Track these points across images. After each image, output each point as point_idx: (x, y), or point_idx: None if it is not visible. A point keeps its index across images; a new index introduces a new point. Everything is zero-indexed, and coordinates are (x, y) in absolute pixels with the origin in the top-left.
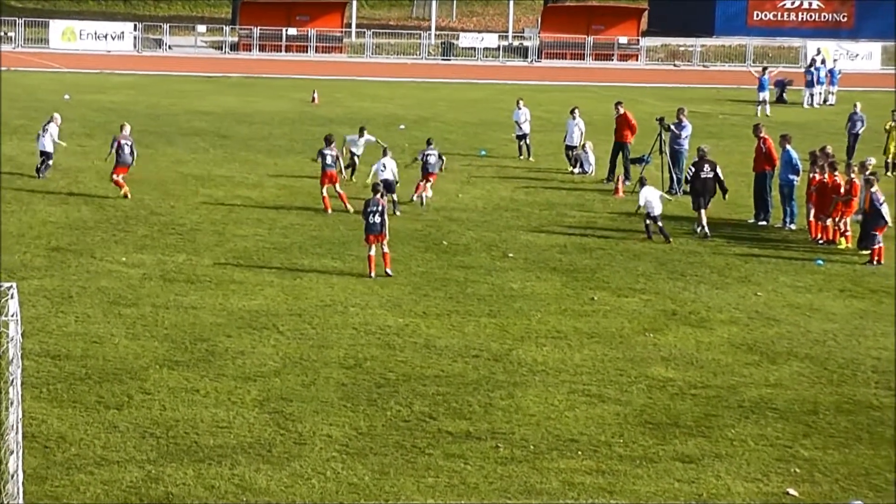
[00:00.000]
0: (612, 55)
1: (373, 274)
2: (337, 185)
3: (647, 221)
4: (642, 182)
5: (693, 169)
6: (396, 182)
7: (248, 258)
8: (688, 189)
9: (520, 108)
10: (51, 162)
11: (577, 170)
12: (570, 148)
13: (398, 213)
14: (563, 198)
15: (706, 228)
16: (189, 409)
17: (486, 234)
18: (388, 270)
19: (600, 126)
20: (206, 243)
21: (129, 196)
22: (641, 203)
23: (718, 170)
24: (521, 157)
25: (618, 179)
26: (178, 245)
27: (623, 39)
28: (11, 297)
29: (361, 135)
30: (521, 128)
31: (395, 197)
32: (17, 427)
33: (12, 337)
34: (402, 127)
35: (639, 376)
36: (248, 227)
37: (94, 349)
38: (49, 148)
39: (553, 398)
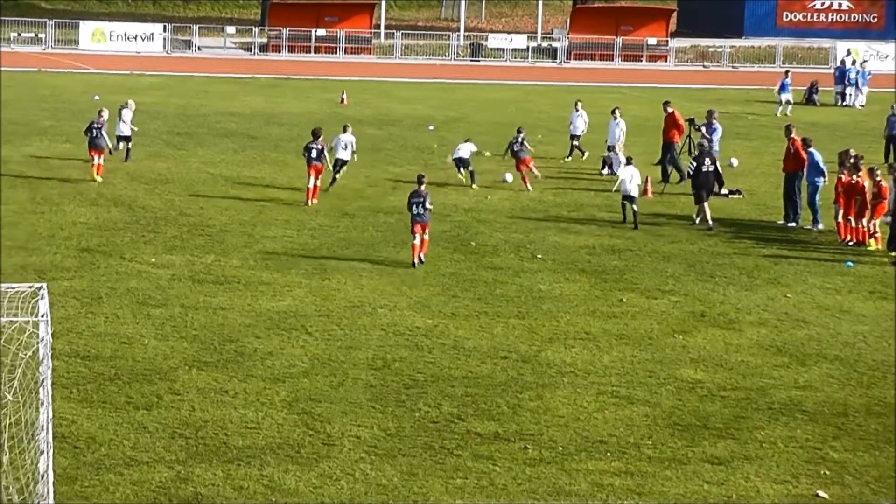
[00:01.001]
0: (641, 56)
1: (415, 261)
2: (318, 179)
3: (624, 202)
4: (629, 161)
5: (694, 163)
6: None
7: (277, 259)
8: (718, 191)
9: (577, 111)
10: (130, 145)
11: (605, 171)
12: (611, 148)
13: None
14: (591, 199)
15: (710, 221)
16: (218, 409)
17: (514, 236)
18: (422, 255)
19: (630, 126)
20: (235, 244)
21: (98, 182)
22: (619, 181)
23: (718, 163)
24: (570, 159)
25: (646, 181)
26: (208, 246)
27: (652, 40)
28: (42, 298)
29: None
30: (575, 128)
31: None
32: (48, 427)
33: (42, 337)
34: (432, 128)
35: (668, 378)
36: (276, 229)
37: (124, 350)
38: (127, 132)
39: (582, 399)
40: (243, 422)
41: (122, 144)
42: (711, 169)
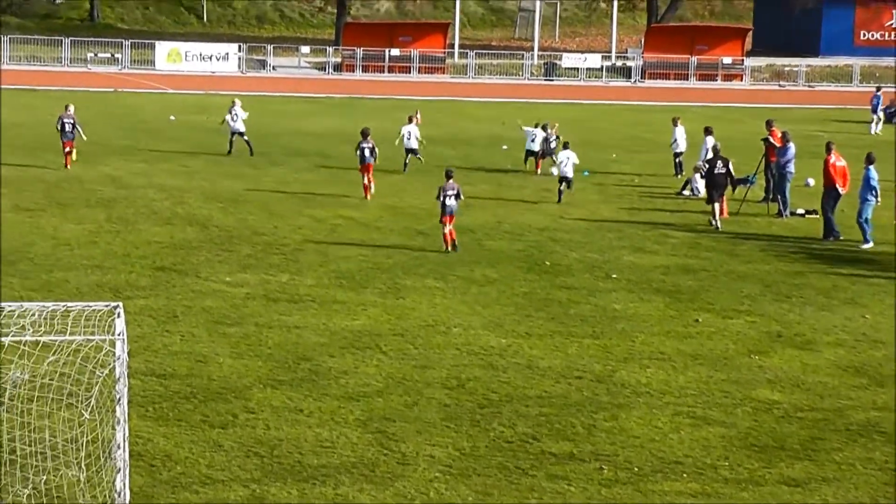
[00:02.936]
0: (716, 75)
1: (449, 248)
2: (370, 176)
3: (561, 187)
4: (565, 146)
5: (707, 165)
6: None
7: (351, 278)
8: (794, 211)
9: (676, 127)
10: (246, 138)
11: (686, 192)
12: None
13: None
14: (666, 218)
15: (717, 222)
16: (293, 428)
17: (588, 255)
18: (455, 243)
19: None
20: (309, 263)
21: (70, 167)
22: (559, 160)
23: (730, 166)
24: (678, 176)
25: (722, 200)
26: (282, 265)
27: (727, 59)
28: (118, 317)
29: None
30: (677, 145)
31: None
32: (124, 446)
33: (119, 356)
34: (505, 147)
35: (744, 399)
36: (351, 248)
37: (199, 368)
38: (241, 128)
39: (657, 420)
40: (318, 441)
41: (237, 139)
42: (724, 171)
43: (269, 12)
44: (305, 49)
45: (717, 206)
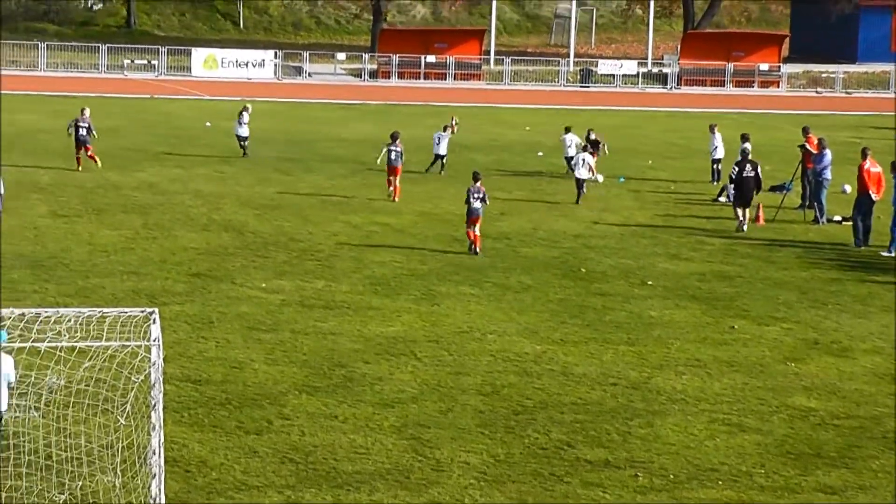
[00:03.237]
0: (753, 82)
1: (478, 249)
2: (397, 179)
3: (583, 190)
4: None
5: (737, 168)
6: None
7: (386, 284)
8: (831, 217)
9: (714, 134)
10: (247, 143)
11: (721, 198)
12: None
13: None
14: (702, 225)
15: (743, 223)
16: (328, 434)
17: (623, 262)
18: (478, 249)
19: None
20: (344, 269)
21: (100, 166)
22: (574, 162)
23: (759, 169)
24: (715, 183)
25: (758, 207)
26: (317, 271)
27: (764, 66)
28: (153, 323)
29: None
30: (716, 152)
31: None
32: (159, 451)
33: (154, 362)
34: (541, 154)
35: (780, 406)
36: (385, 254)
37: (234, 374)
38: (245, 133)
39: (692, 427)
40: (352, 447)
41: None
42: (752, 174)
43: (305, 19)
44: (341, 55)
45: (742, 210)
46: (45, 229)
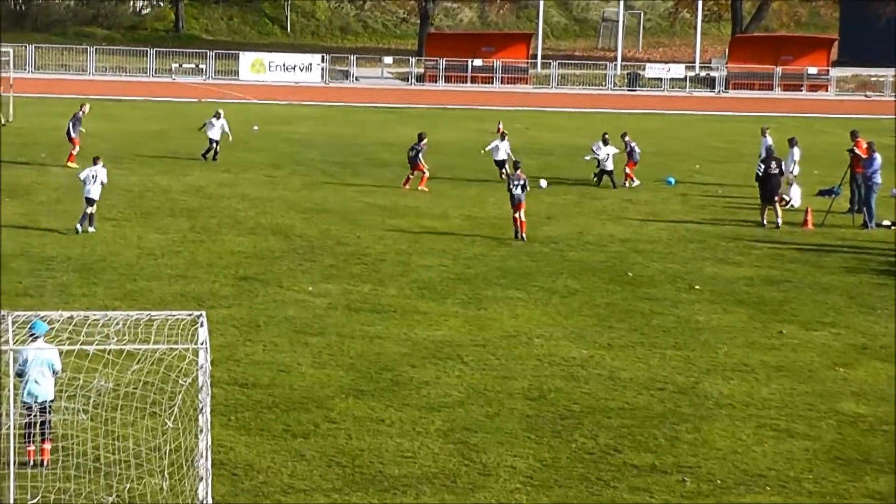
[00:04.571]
0: (801, 86)
1: (523, 236)
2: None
3: (613, 179)
4: (606, 142)
5: (762, 165)
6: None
7: (433, 288)
8: (880, 222)
9: (765, 137)
10: (218, 148)
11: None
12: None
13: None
14: (749, 229)
15: (770, 222)
16: (374, 438)
17: (671, 266)
18: (524, 235)
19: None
20: (390, 273)
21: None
22: (602, 157)
23: (783, 166)
24: None
25: (806, 211)
26: (364, 275)
27: (812, 70)
28: (201, 326)
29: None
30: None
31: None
32: (207, 454)
33: (202, 365)
34: (587, 158)
35: (828, 411)
36: (432, 258)
37: (281, 378)
38: (217, 136)
39: (740, 432)
40: (399, 451)
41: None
42: (776, 171)
43: (352, 23)
44: (388, 59)
45: (767, 206)
46: (93, 232)
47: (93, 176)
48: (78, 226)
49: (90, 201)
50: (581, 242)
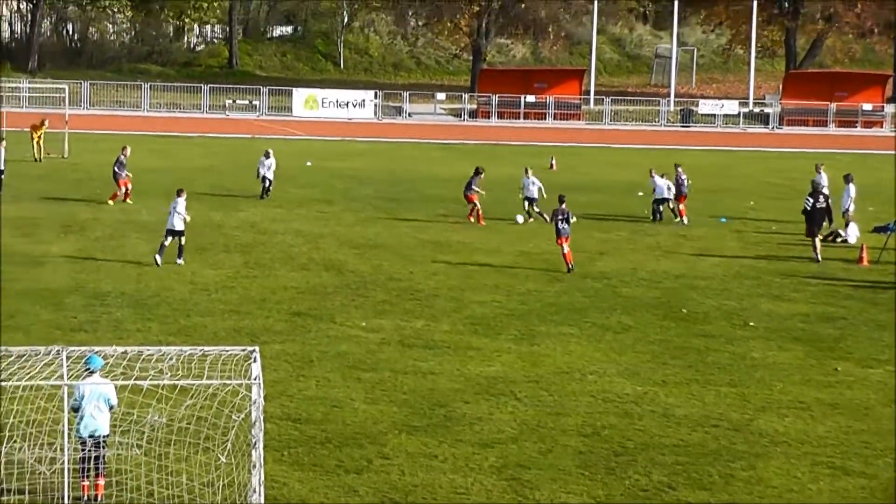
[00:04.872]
0: (856, 122)
1: (571, 266)
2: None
3: (663, 208)
4: (661, 175)
5: (811, 199)
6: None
7: (486, 324)
8: None
9: (820, 173)
10: (270, 187)
11: (829, 238)
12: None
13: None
14: (805, 266)
15: (818, 255)
16: (427, 474)
17: (726, 303)
18: (571, 265)
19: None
20: (443, 309)
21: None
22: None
23: (829, 202)
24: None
25: (861, 248)
26: (417, 310)
27: (867, 106)
28: (254, 361)
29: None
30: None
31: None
32: (260, 490)
33: (255, 400)
34: (641, 193)
35: (885, 449)
36: (485, 294)
37: (334, 413)
38: (270, 175)
39: (796, 470)
40: (452, 487)
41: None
42: (824, 206)
43: (405, 59)
44: (441, 95)
45: (817, 240)
46: (147, 268)
47: (174, 207)
48: (157, 257)
49: (169, 233)
50: (634, 278)
